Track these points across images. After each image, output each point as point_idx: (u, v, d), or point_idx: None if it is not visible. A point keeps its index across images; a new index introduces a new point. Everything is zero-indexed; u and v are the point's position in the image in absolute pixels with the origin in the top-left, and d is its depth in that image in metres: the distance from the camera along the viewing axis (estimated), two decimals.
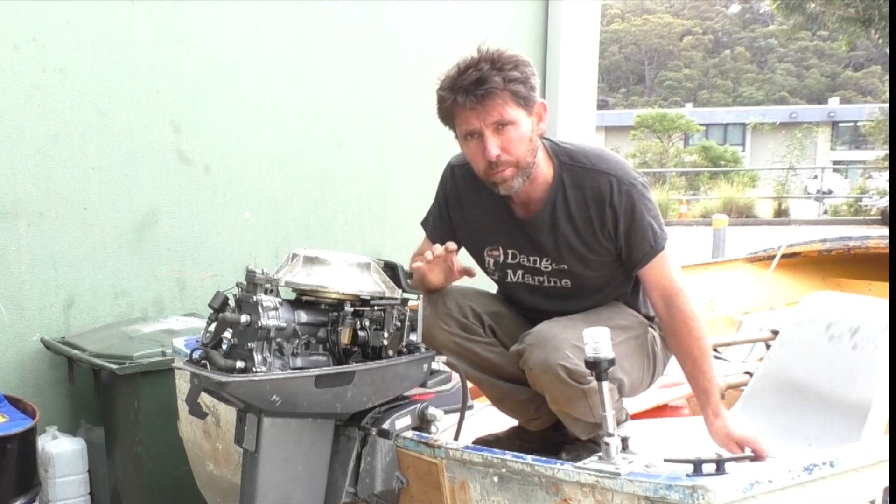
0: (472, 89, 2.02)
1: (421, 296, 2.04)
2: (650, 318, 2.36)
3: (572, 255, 2.22)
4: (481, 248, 2.34)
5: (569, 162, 2.20)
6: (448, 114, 2.12)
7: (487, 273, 2.39)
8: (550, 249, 2.24)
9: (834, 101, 42.35)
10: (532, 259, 2.28)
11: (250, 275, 1.74)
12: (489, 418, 2.61)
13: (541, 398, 2.20)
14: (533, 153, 2.12)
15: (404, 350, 1.95)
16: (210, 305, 1.76)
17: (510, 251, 2.31)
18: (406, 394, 1.99)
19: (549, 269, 2.27)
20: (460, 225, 2.34)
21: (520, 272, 2.32)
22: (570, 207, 2.18)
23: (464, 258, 2.29)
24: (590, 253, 2.21)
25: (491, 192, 2.19)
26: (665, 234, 2.21)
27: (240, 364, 1.69)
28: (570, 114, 4.81)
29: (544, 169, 2.19)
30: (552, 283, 2.29)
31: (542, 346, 2.08)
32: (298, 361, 1.80)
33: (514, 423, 2.46)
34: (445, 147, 2.40)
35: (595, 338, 1.77)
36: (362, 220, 4.28)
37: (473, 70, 2.04)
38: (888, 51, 18.81)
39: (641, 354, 2.29)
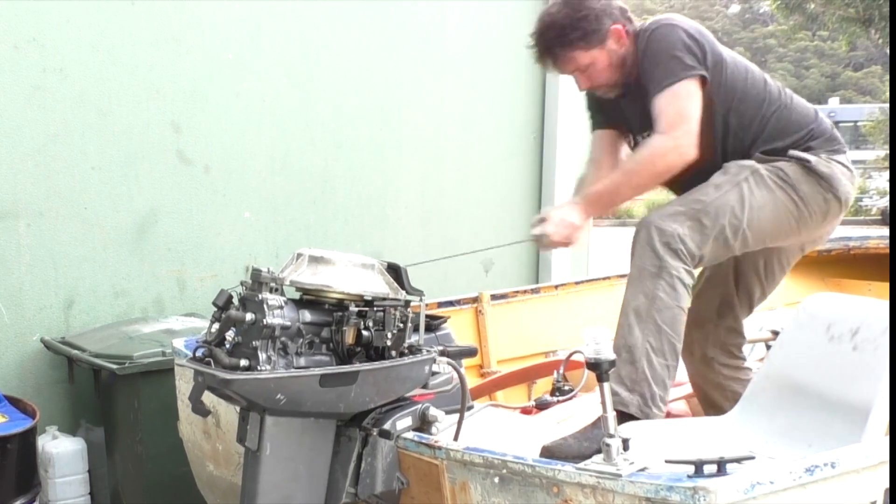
0: (545, 59, 2.45)
1: (422, 297, 2.02)
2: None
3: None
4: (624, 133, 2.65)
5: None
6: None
7: None
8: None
9: (834, 101, 42.34)
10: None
11: (256, 273, 1.75)
12: (489, 418, 2.60)
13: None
14: (619, 69, 2.43)
15: (406, 351, 1.95)
16: (214, 303, 1.76)
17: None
18: (407, 395, 1.99)
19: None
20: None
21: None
22: None
23: None
24: None
25: None
26: (676, 74, 2.32)
27: (244, 362, 1.69)
28: (570, 113, 4.81)
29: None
30: None
31: (645, 218, 2.37)
32: (302, 361, 1.80)
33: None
34: (445, 147, 2.41)
35: (596, 338, 1.77)
36: (362, 220, 4.28)
37: (539, 43, 2.42)
38: (888, 51, 18.80)
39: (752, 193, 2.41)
